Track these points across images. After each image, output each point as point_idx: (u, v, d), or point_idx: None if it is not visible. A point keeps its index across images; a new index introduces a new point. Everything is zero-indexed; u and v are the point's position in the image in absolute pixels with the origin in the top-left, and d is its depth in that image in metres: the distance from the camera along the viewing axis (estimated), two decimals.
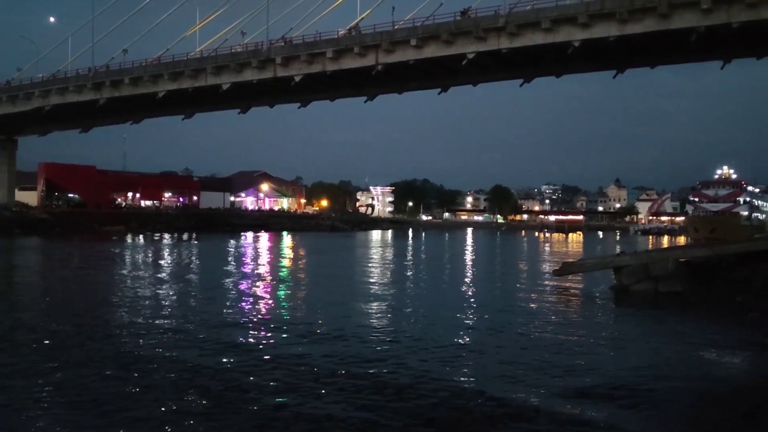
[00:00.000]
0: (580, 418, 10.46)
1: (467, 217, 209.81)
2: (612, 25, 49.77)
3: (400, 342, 16.64)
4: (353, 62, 58.56)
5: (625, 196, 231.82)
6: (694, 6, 46.75)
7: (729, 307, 22.61)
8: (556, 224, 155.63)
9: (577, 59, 55.43)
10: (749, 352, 16.27)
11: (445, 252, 65.29)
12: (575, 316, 22.07)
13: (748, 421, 9.20)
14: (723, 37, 49.00)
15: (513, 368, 13.74)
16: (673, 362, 14.80)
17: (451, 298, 26.08)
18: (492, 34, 53.58)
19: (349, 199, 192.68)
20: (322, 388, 11.83)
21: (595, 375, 13.35)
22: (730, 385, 11.85)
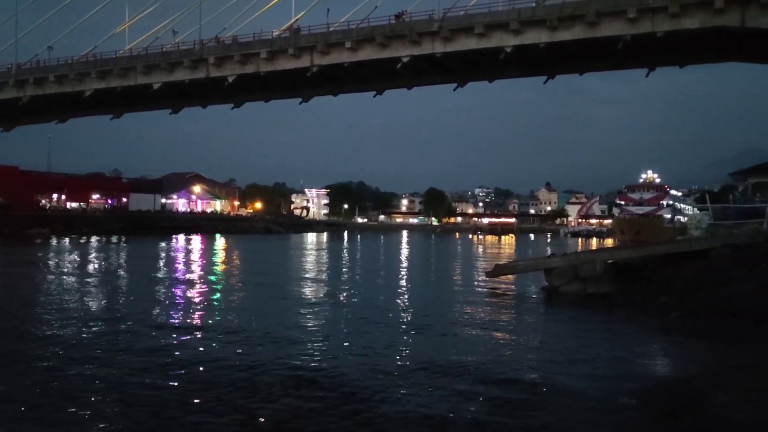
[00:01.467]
0: (495, 415, 10.69)
1: (402, 219, 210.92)
2: (542, 32, 50.84)
3: (328, 343, 16.61)
4: (288, 63, 58.06)
5: (555, 199, 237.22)
6: (621, 15, 48.24)
7: (653, 307, 23.28)
8: (490, 227, 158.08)
9: (509, 65, 56.44)
10: (672, 351, 16.83)
11: (381, 254, 65.45)
12: (506, 317, 22.40)
13: (670, 419, 9.47)
14: (648, 45, 50.71)
15: (433, 367, 13.85)
16: (598, 361, 15.19)
17: (384, 300, 26.11)
18: (426, 38, 54.00)
19: (283, 202, 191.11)
20: (242, 388, 11.69)
21: (517, 373, 13.65)
22: (654, 384, 12.20)
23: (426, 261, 56.19)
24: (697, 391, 10.00)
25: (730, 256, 24.88)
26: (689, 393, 10.10)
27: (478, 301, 26.49)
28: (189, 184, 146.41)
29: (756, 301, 20.63)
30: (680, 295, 23.44)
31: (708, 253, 25.97)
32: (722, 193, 69.54)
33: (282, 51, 57.88)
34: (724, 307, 20.97)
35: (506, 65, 56.60)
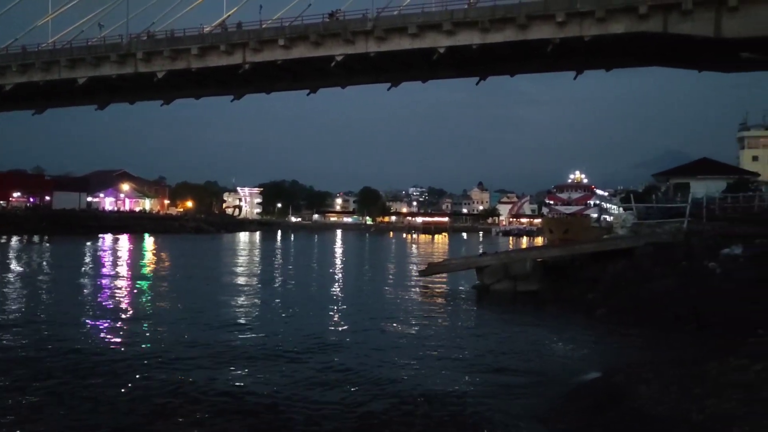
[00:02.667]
0: (425, 414, 10.79)
1: (337, 218, 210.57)
2: (475, 34, 51.55)
3: (259, 342, 16.41)
4: (220, 60, 57.15)
5: (487, 198, 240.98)
6: (550, 19, 49.36)
7: (580, 303, 23.89)
8: (423, 226, 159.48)
9: (442, 65, 57.03)
10: (597, 346, 17.29)
11: (315, 254, 65.11)
12: (438, 315, 22.59)
13: (595, 413, 9.71)
14: (576, 48, 52.04)
15: (365, 367, 13.86)
16: (526, 356, 15.51)
17: (318, 301, 25.96)
18: (360, 38, 54.01)
19: (215, 200, 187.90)
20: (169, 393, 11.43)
21: (448, 370, 13.81)
22: (579, 378, 12.51)
23: (360, 260, 56.20)
24: (620, 385, 10.29)
25: (653, 254, 25.74)
26: (613, 387, 10.38)
27: (411, 299, 26.66)
28: (116, 182, 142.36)
29: (676, 297, 21.41)
30: (606, 293, 24.12)
31: (632, 251, 26.82)
32: (646, 193, 71.87)
33: (214, 47, 56.94)
34: (647, 303, 21.70)
35: (440, 66, 57.19)
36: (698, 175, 55.11)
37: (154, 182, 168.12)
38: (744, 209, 34.61)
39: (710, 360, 10.05)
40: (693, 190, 43.96)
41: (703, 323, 19.16)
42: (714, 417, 8.19)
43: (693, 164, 63.44)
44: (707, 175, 54.54)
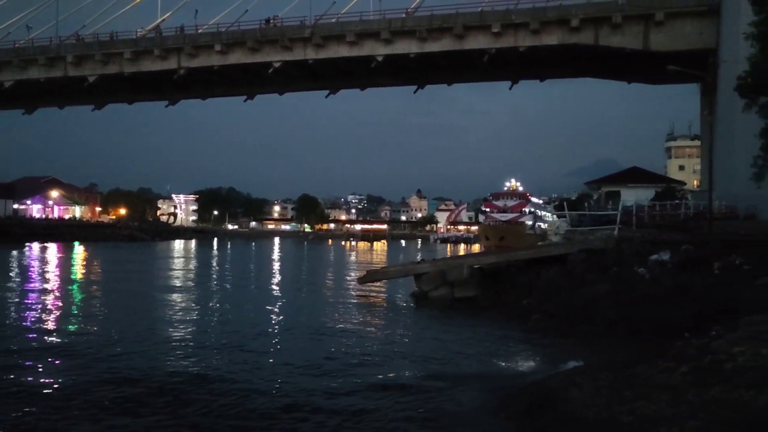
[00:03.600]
0: (363, 420, 10.81)
1: (275, 226, 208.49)
2: (413, 43, 52.07)
3: (194, 353, 16.07)
4: (154, 65, 56.12)
5: (426, 206, 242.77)
6: (486, 29, 50.31)
7: (515, 309, 24.25)
8: (362, 233, 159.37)
9: (381, 73, 57.41)
10: (532, 351, 17.57)
11: (252, 262, 64.27)
12: (376, 322, 22.61)
13: (527, 418, 9.87)
14: (511, 59, 53.17)
15: (305, 374, 13.77)
16: (462, 362, 15.67)
17: (255, 309, 25.61)
18: (298, 44, 53.90)
19: (149, 208, 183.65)
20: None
21: (387, 376, 13.82)
22: (514, 383, 12.68)
23: (298, 268, 55.78)
24: (553, 389, 10.47)
25: (586, 260, 26.32)
26: (546, 391, 10.56)
27: (350, 307, 26.58)
28: (45, 188, 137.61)
29: (607, 302, 21.96)
30: (540, 298, 24.54)
31: (566, 258, 27.37)
32: (579, 201, 73.69)
33: (147, 51, 55.89)
34: (580, 309, 22.18)
35: (378, 74, 57.56)
36: (628, 184, 56.74)
37: (85, 189, 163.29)
38: (671, 217, 35.80)
39: (639, 363, 10.32)
40: (623, 197, 45.20)
41: (633, 328, 19.71)
42: (642, 418, 8.41)
43: (624, 173, 65.30)
44: (637, 184, 56.24)
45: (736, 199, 37.94)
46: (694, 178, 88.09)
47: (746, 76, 20.16)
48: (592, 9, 49.10)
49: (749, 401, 7.93)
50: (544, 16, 49.49)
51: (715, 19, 46.08)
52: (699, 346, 10.05)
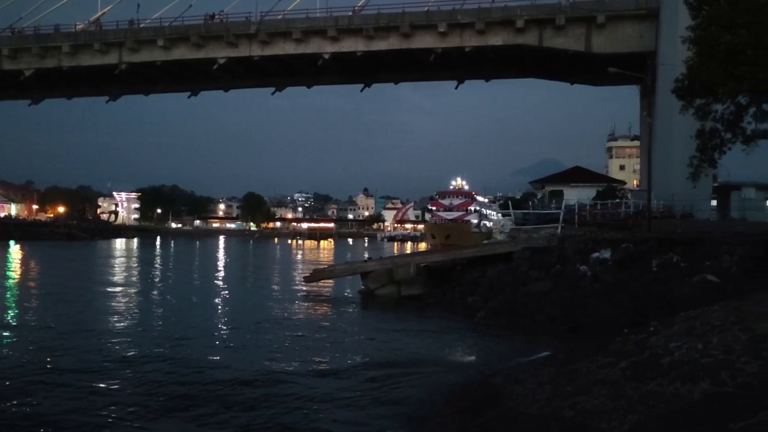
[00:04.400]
0: (309, 417, 10.74)
1: (220, 224, 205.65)
2: (360, 41, 52.01)
3: (137, 355, 15.70)
4: (94, 59, 54.70)
5: (373, 204, 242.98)
6: (433, 29, 50.59)
7: (461, 307, 24.51)
8: (309, 232, 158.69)
9: (328, 71, 57.18)
10: (476, 348, 17.76)
11: (196, 260, 63.23)
12: (323, 321, 22.48)
13: (471, 414, 9.94)
14: (457, 59, 53.61)
15: (250, 374, 13.61)
16: (408, 359, 15.69)
17: (199, 309, 25.17)
18: (244, 41, 53.29)
19: (89, 206, 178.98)
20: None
21: (332, 374, 13.79)
22: (459, 380, 12.79)
23: (244, 267, 55.15)
24: (497, 385, 10.59)
25: (529, 258, 26.75)
26: (490, 387, 10.66)
27: (296, 306, 26.39)
28: None
29: (550, 299, 22.36)
30: (485, 296, 24.85)
31: (510, 256, 27.75)
32: (523, 200, 74.88)
33: (87, 45, 54.46)
34: (524, 305, 22.53)
35: (325, 72, 57.32)
36: (571, 183, 57.87)
37: (22, 186, 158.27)
38: (612, 215, 36.62)
39: (580, 359, 10.51)
40: (566, 196, 46.01)
41: (574, 324, 20.11)
42: (584, 413, 8.55)
43: (567, 172, 66.55)
44: (579, 183, 57.39)
45: (673, 199, 39.08)
46: (634, 178, 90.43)
47: (683, 78, 20.71)
48: (536, 10, 49.89)
49: (685, 395, 8.15)
50: (489, 16, 50.04)
51: (654, 22, 47.32)
52: (637, 342, 10.28)
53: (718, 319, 10.14)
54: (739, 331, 9.39)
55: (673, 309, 14.17)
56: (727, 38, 16.20)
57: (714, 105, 21.53)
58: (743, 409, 7.07)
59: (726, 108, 21.59)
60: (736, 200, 41.39)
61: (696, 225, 32.04)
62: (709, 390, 8.04)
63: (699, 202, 38.85)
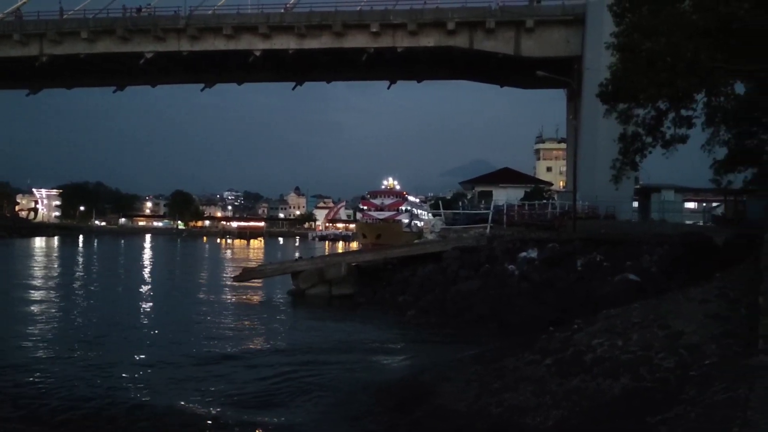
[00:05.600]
0: (232, 417, 10.65)
1: (146, 223, 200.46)
2: (291, 39, 51.61)
3: (57, 357, 15.16)
4: (13, 50, 52.52)
5: (304, 203, 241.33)
6: (365, 28, 50.63)
7: (392, 306, 24.65)
8: (239, 231, 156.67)
9: (259, 68, 56.48)
10: (406, 347, 17.88)
11: (121, 260, 61.42)
12: (252, 321, 22.21)
13: (400, 412, 10.00)
14: (390, 59, 53.80)
15: (181, 377, 13.33)
16: (338, 358, 15.68)
17: (124, 311, 24.44)
18: (172, 35, 52.13)
19: (7, 203, 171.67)
20: None
21: (261, 376, 13.61)
22: (388, 379, 12.83)
23: (171, 266, 53.94)
24: (426, 383, 10.68)
25: (459, 257, 27.11)
26: (420, 385, 10.75)
27: (224, 305, 26.02)
28: None
29: (479, 298, 22.73)
30: (416, 295, 25.07)
31: (441, 255, 28.05)
32: (454, 200, 75.66)
33: (5, 36, 52.24)
34: (453, 304, 22.83)
35: (256, 69, 56.62)
36: (500, 184, 58.76)
37: None
38: (539, 216, 37.43)
39: (507, 356, 10.70)
40: (495, 197, 46.73)
41: (502, 322, 20.49)
42: (510, 409, 8.72)
43: (496, 173, 67.56)
44: (508, 184, 58.33)
45: (597, 200, 40.23)
46: (561, 179, 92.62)
47: (607, 83, 21.31)
48: (467, 13, 50.52)
49: (606, 390, 8.40)
50: (422, 18, 50.42)
51: (580, 28, 48.62)
52: (562, 339, 10.54)
53: (638, 317, 10.49)
54: (657, 329, 9.74)
55: (597, 307, 14.58)
56: (647, 45, 16.73)
57: (636, 110, 22.26)
58: (660, 403, 7.33)
59: (647, 113, 22.35)
60: (656, 202, 42.84)
61: (618, 226, 33.10)
62: (629, 385, 8.32)
63: (621, 203, 40.10)
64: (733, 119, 22.21)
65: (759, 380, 6.80)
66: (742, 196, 33.26)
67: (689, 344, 9.03)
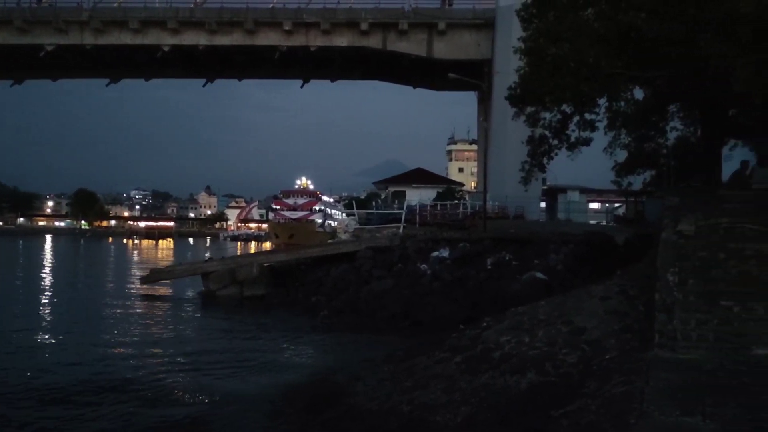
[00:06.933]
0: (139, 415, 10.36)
1: (47, 222, 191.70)
2: (202, 35, 50.57)
3: None
4: None
5: (215, 203, 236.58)
6: (278, 26, 50.18)
7: (305, 306, 24.49)
8: (146, 231, 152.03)
9: (168, 65, 55.06)
10: (319, 347, 17.84)
11: (19, 262, 58.43)
12: (161, 324, 21.61)
13: (312, 413, 9.97)
14: (303, 58, 53.49)
15: (87, 386, 12.83)
16: (250, 360, 15.47)
17: (22, 316, 23.26)
18: (75, 28, 50.11)
19: None
20: None
21: (172, 380, 13.30)
22: (301, 380, 12.74)
23: (74, 268, 51.72)
24: (338, 383, 10.68)
25: (372, 257, 27.23)
26: (331, 386, 10.75)
27: (131, 308, 25.16)
28: None
29: (392, 297, 22.90)
30: (329, 295, 25.02)
31: (354, 255, 28.09)
32: (368, 200, 75.92)
33: None
34: (366, 304, 22.92)
35: (165, 65, 55.18)
36: (413, 184, 59.40)
37: None
38: (451, 216, 37.99)
39: (419, 355, 10.84)
40: (408, 197, 47.18)
41: (415, 321, 20.72)
42: (421, 407, 8.83)
43: (409, 173, 68.26)
44: (421, 184, 59.04)
45: (507, 200, 41.27)
46: (472, 180, 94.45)
47: (515, 87, 21.91)
48: (380, 14, 50.81)
49: (513, 386, 8.64)
50: (335, 17, 50.37)
51: (490, 32, 49.72)
52: (472, 337, 10.77)
53: (544, 314, 10.84)
54: (561, 325, 10.09)
55: (506, 305, 14.96)
56: (553, 51, 17.29)
57: (543, 113, 23.00)
58: (564, 397, 7.60)
59: (553, 116, 23.14)
60: (563, 203, 44.26)
61: (527, 225, 34.02)
62: (535, 380, 8.58)
63: (530, 204, 41.32)
64: (632, 123, 23.23)
65: (654, 373, 7.15)
66: (641, 197, 34.81)
67: (591, 340, 9.40)
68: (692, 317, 8.54)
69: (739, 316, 8.52)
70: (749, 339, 8.12)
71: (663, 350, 8.03)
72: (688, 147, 25.71)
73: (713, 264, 9.64)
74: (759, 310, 8.55)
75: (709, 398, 6.38)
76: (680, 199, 13.06)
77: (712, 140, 20.10)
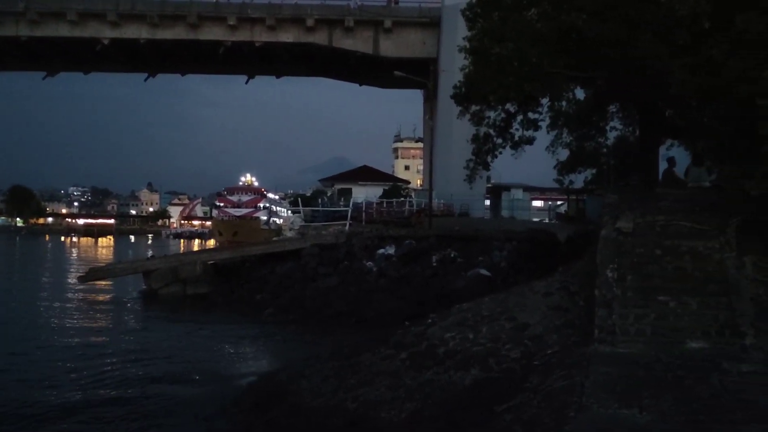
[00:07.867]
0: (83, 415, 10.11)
1: None
2: (143, 28, 49.60)
3: None
4: None
5: (157, 200, 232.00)
6: (222, 21, 49.57)
7: (249, 305, 24.24)
8: (85, 228, 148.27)
9: (108, 57, 53.81)
10: (264, 346, 17.69)
11: None
12: (101, 324, 21.12)
13: (256, 413, 9.88)
14: (248, 54, 52.96)
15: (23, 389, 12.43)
16: (193, 359, 15.26)
17: None
18: (9, 19, 48.57)
19: None
20: None
21: (115, 384, 12.97)
22: (244, 380, 12.60)
23: (8, 267, 50.01)
24: (283, 382, 10.60)
25: (318, 255, 27.15)
26: (275, 384, 10.66)
27: (68, 308, 24.48)
28: None
29: (338, 294, 22.90)
30: (274, 293, 24.85)
31: (299, 252, 27.95)
32: (313, 197, 75.54)
33: None
34: (312, 301, 22.85)
35: (105, 58, 53.92)
36: (359, 181, 59.36)
37: None
38: (397, 213, 38.13)
39: (364, 352, 10.84)
40: (355, 194, 47.16)
41: (360, 318, 20.73)
42: (366, 404, 8.84)
43: (355, 171, 68.19)
44: (367, 182, 59.02)
45: (452, 198, 41.62)
46: (418, 178, 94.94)
47: (460, 85, 22.09)
48: (326, 11, 50.66)
49: (457, 381, 8.72)
50: (280, 13, 49.99)
51: (436, 31, 50.06)
52: (417, 333, 10.82)
53: (488, 310, 10.97)
54: (505, 321, 10.22)
55: (451, 301, 15.09)
56: (497, 50, 17.50)
57: (487, 112, 23.24)
58: (507, 392, 7.70)
59: (497, 115, 23.40)
60: (506, 200, 44.88)
61: (472, 223, 34.41)
62: (479, 376, 8.68)
63: (475, 201, 41.74)
64: (573, 123, 23.68)
65: (594, 367, 7.31)
66: (583, 195, 35.55)
67: (534, 335, 9.56)
68: (630, 312, 8.76)
69: (674, 311, 8.77)
70: (684, 333, 8.37)
71: (603, 345, 8.21)
72: (628, 146, 26.33)
73: (650, 260, 9.90)
74: (693, 305, 8.83)
75: (645, 391, 6.56)
76: (619, 197, 13.37)
77: (649, 140, 20.60)
